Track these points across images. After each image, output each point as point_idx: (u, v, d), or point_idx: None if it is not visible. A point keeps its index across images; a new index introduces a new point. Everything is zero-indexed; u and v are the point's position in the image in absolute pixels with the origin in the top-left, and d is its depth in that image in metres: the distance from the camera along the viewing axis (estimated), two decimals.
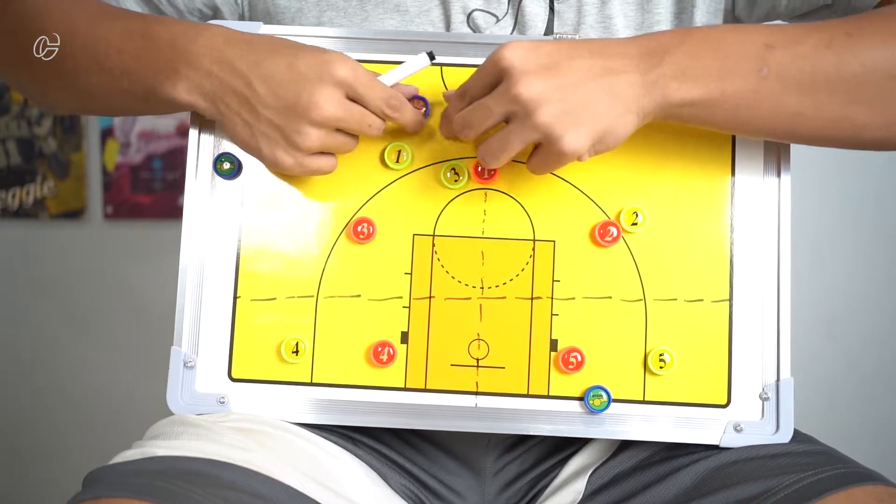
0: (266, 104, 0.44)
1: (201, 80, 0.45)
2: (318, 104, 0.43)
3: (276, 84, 0.44)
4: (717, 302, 0.47)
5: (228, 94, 0.45)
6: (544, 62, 0.41)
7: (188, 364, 0.48)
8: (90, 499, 0.38)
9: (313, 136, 0.44)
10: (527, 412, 0.47)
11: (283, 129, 0.44)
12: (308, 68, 0.44)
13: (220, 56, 0.45)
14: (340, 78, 0.44)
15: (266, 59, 0.44)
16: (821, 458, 0.43)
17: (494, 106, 0.42)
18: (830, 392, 1.23)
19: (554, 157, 0.42)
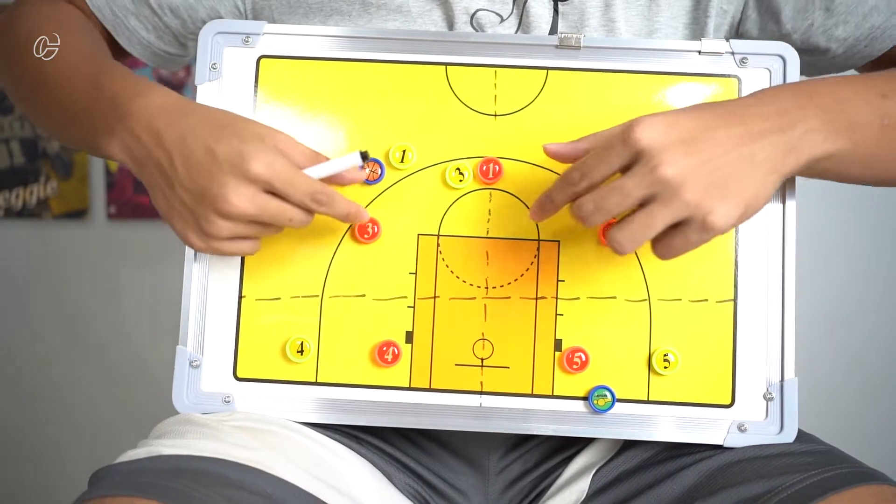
0: (182, 184, 0.43)
1: (131, 143, 0.44)
2: (227, 198, 0.42)
3: (193, 166, 0.43)
4: (722, 302, 0.48)
5: (152, 164, 0.44)
6: (683, 137, 0.39)
7: (193, 363, 0.48)
8: (96, 497, 0.39)
9: (223, 226, 0.43)
10: (531, 412, 0.47)
11: (195, 213, 0.43)
12: (225, 157, 0.42)
13: (150, 125, 0.44)
14: (254, 175, 0.42)
15: (189, 137, 0.43)
16: (824, 458, 0.43)
17: (633, 189, 0.39)
18: (834, 392, 1.23)
19: (699, 234, 0.40)
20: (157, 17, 0.54)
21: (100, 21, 0.54)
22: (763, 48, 0.49)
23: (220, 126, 0.44)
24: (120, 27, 0.54)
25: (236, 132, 0.43)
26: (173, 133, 0.43)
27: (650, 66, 0.49)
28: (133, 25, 0.54)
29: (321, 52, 0.50)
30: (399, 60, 0.50)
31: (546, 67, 0.50)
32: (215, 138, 0.43)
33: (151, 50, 0.56)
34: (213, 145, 0.43)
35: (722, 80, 0.49)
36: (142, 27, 0.54)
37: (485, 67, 0.50)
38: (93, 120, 0.46)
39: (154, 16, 0.54)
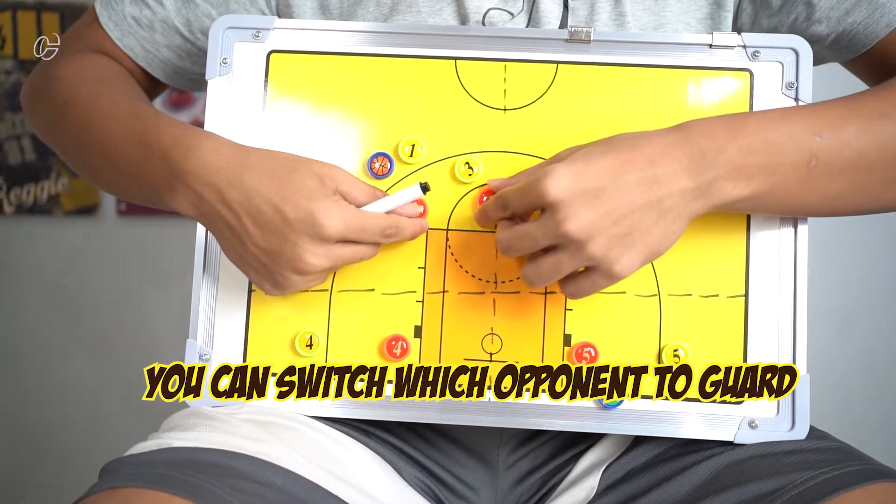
0: (254, 242, 0.43)
1: (195, 200, 0.44)
2: (303, 258, 0.43)
3: (264, 227, 0.43)
4: (733, 297, 0.47)
5: (220, 221, 0.44)
6: (590, 188, 0.40)
7: (203, 357, 0.49)
8: (106, 489, 0.39)
9: (297, 280, 0.44)
10: (540, 407, 0.47)
11: (270, 269, 0.44)
12: (295, 218, 0.42)
13: (211, 182, 0.44)
14: (329, 234, 0.42)
15: (255, 197, 0.43)
16: (836, 455, 0.43)
17: (541, 238, 0.41)
18: (846, 389, 1.22)
19: (605, 280, 0.42)
20: (189, 43, 0.55)
21: (132, 59, 0.55)
22: (776, 41, 0.49)
23: (279, 178, 0.43)
24: (154, 61, 0.56)
25: (298, 187, 0.43)
26: (237, 192, 0.43)
27: (661, 59, 0.49)
28: (166, 56, 0.55)
29: (331, 47, 0.50)
30: (409, 55, 0.50)
31: (556, 61, 0.49)
32: (282, 198, 0.43)
33: (188, 76, 0.57)
34: (282, 206, 0.43)
35: (734, 74, 0.49)
36: (175, 56, 0.55)
37: (494, 62, 0.49)
38: (150, 178, 0.47)
39: (187, 43, 0.55)
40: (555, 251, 0.41)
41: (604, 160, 0.41)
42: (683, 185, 0.41)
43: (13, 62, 1.28)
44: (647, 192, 0.41)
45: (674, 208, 0.41)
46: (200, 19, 0.54)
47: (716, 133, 0.42)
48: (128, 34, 0.55)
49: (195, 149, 0.44)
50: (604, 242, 0.40)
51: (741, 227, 0.48)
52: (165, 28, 0.54)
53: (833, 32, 0.51)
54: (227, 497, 0.38)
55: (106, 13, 0.55)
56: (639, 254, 0.41)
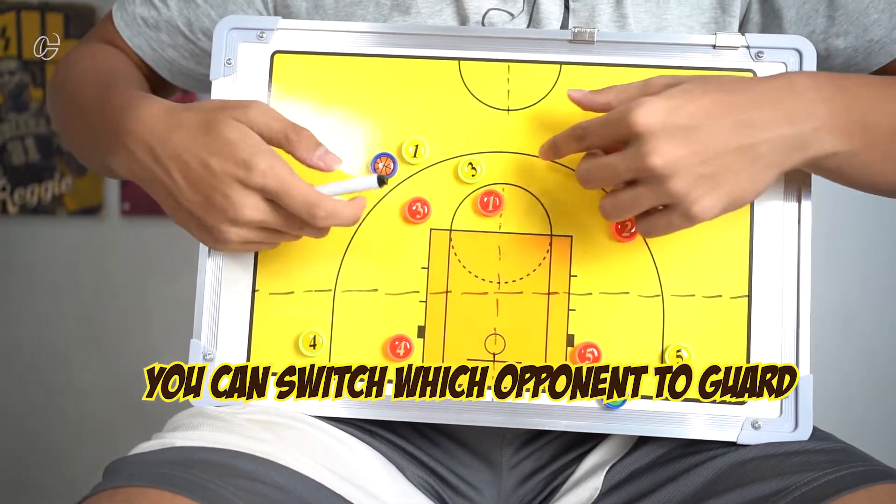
0: (186, 198, 0.43)
1: (131, 161, 0.45)
2: (234, 206, 0.42)
3: (193, 181, 0.43)
4: (736, 298, 0.47)
5: (153, 181, 0.44)
6: (683, 125, 0.39)
7: (207, 356, 0.49)
8: (110, 488, 0.39)
9: (233, 233, 0.43)
10: (543, 407, 0.47)
11: (205, 223, 0.43)
12: (221, 169, 0.42)
13: (144, 140, 0.44)
14: (254, 184, 0.41)
15: (183, 153, 0.43)
16: (840, 456, 0.43)
17: (623, 171, 0.40)
18: (849, 390, 1.22)
19: (682, 220, 0.40)
20: (191, 43, 0.56)
21: (142, 59, 0.57)
22: (779, 42, 0.49)
23: (210, 134, 0.43)
24: (160, 61, 0.57)
25: (221, 137, 0.42)
26: (167, 149, 0.43)
27: (664, 60, 0.49)
28: (171, 56, 0.56)
29: (334, 48, 0.50)
30: (412, 56, 0.50)
31: (559, 62, 0.49)
32: (208, 150, 0.42)
33: (194, 77, 0.58)
34: (208, 159, 0.42)
35: (738, 75, 0.49)
36: (180, 56, 0.56)
37: (498, 62, 0.49)
38: (102, 142, 0.48)
39: (189, 42, 0.56)
40: (635, 185, 0.40)
41: (703, 100, 0.39)
42: (783, 132, 0.39)
43: (17, 62, 1.28)
44: (743, 136, 0.39)
45: (767, 155, 0.39)
46: (200, 19, 0.55)
47: (823, 85, 0.41)
48: (137, 34, 0.56)
49: (135, 108, 0.45)
50: (689, 181, 0.39)
51: (745, 227, 0.48)
52: (170, 28, 0.55)
53: (848, 48, 0.50)
54: (230, 496, 0.38)
55: (119, 14, 0.56)
56: (722, 198, 0.39)
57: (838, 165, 0.42)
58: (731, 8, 0.51)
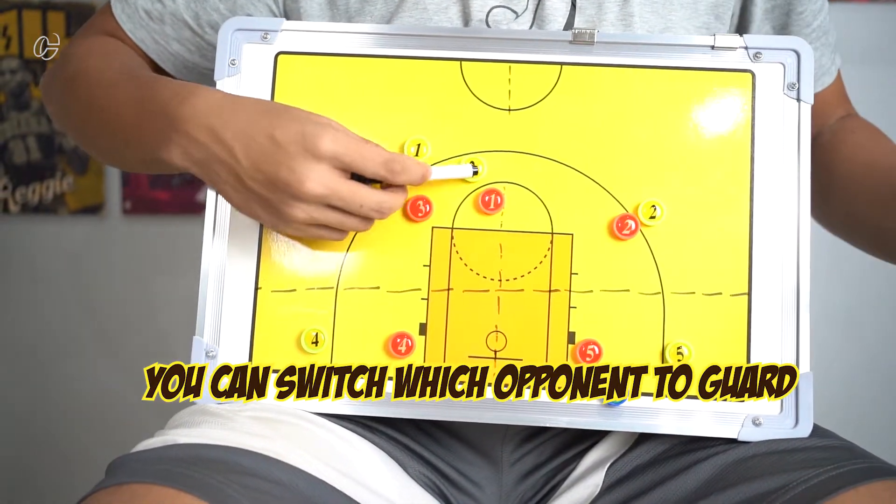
0: (250, 175, 0.43)
1: (190, 147, 0.44)
2: (299, 180, 0.41)
3: (257, 156, 0.42)
4: (736, 296, 0.47)
5: (216, 162, 0.43)
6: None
7: (210, 354, 0.48)
8: (113, 485, 0.39)
9: (299, 210, 0.42)
10: (544, 404, 0.47)
11: (270, 202, 0.43)
12: (288, 141, 0.41)
13: (206, 123, 0.43)
14: (322, 151, 0.41)
15: (247, 129, 0.42)
16: (840, 454, 0.43)
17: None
18: (850, 386, 1.21)
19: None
20: (198, 37, 0.55)
21: (144, 52, 0.56)
22: (777, 43, 0.49)
23: (274, 114, 0.43)
24: (164, 54, 0.56)
25: (291, 117, 0.43)
26: (230, 129, 0.43)
27: (664, 61, 0.49)
28: (176, 50, 0.56)
29: (337, 49, 0.50)
30: (414, 56, 0.50)
31: (560, 63, 0.49)
32: (273, 125, 0.42)
33: (198, 70, 0.57)
34: (273, 132, 0.42)
35: (736, 75, 0.49)
36: (185, 50, 0.56)
37: (499, 63, 0.49)
38: (146, 136, 0.46)
39: (195, 36, 0.55)
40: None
41: None
42: None
43: (18, 61, 1.28)
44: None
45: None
46: (208, 13, 0.54)
47: None
48: (139, 27, 0.55)
49: (189, 97, 0.44)
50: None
51: (744, 225, 0.48)
52: (175, 21, 0.55)
53: None
54: (232, 493, 0.38)
55: (120, 6, 0.55)
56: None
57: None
58: (723, 16, 0.52)
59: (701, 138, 0.48)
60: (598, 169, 0.48)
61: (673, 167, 0.48)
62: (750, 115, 0.48)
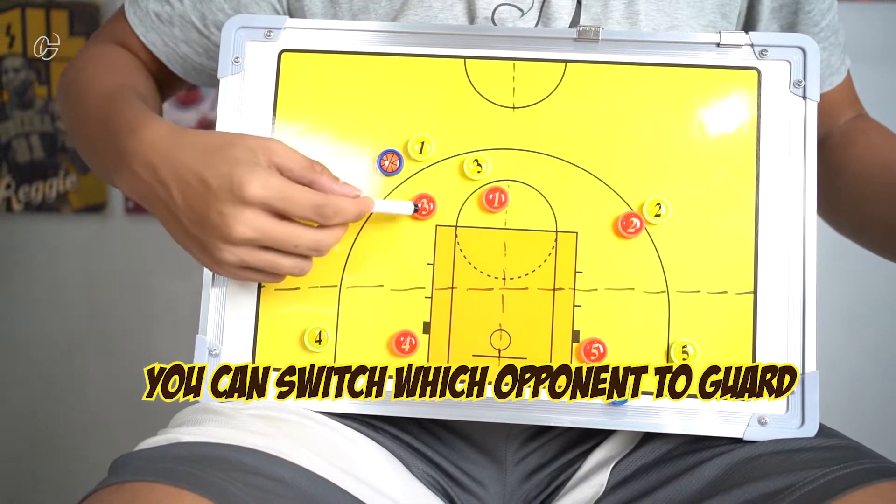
0: (184, 215, 0.42)
1: (133, 180, 0.44)
2: (228, 224, 0.41)
3: (191, 198, 0.42)
4: (742, 294, 0.47)
5: (155, 199, 0.44)
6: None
7: (213, 352, 0.48)
8: (116, 483, 0.38)
9: (228, 253, 0.42)
10: (547, 403, 0.46)
11: (203, 243, 0.42)
12: (217, 184, 0.41)
13: (147, 160, 0.43)
14: (250, 197, 0.40)
15: (182, 169, 0.42)
16: (847, 454, 0.42)
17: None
18: (856, 386, 1.20)
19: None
20: (204, 38, 0.55)
21: (155, 55, 0.56)
22: (783, 40, 0.48)
23: (210, 152, 0.42)
24: (173, 56, 0.56)
25: (226, 157, 0.41)
26: (168, 167, 0.43)
27: (669, 58, 0.49)
28: (184, 52, 0.56)
29: (341, 46, 0.50)
30: (418, 54, 0.49)
31: (564, 60, 0.49)
32: (205, 165, 0.41)
33: (206, 72, 0.57)
34: (204, 173, 0.41)
35: (742, 72, 0.48)
36: (193, 52, 0.56)
37: (503, 60, 0.49)
38: (106, 159, 0.47)
39: (202, 37, 0.55)
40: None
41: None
42: None
43: (22, 60, 1.28)
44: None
45: None
46: (214, 13, 0.54)
47: None
48: (151, 29, 0.55)
49: (138, 129, 0.44)
50: None
51: (749, 223, 0.47)
52: (183, 23, 0.55)
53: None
54: (235, 491, 0.38)
55: (132, 9, 0.56)
56: None
57: None
58: (729, 14, 0.52)
59: (706, 136, 0.48)
60: (603, 167, 0.48)
61: (678, 165, 0.48)
62: (756, 112, 0.48)
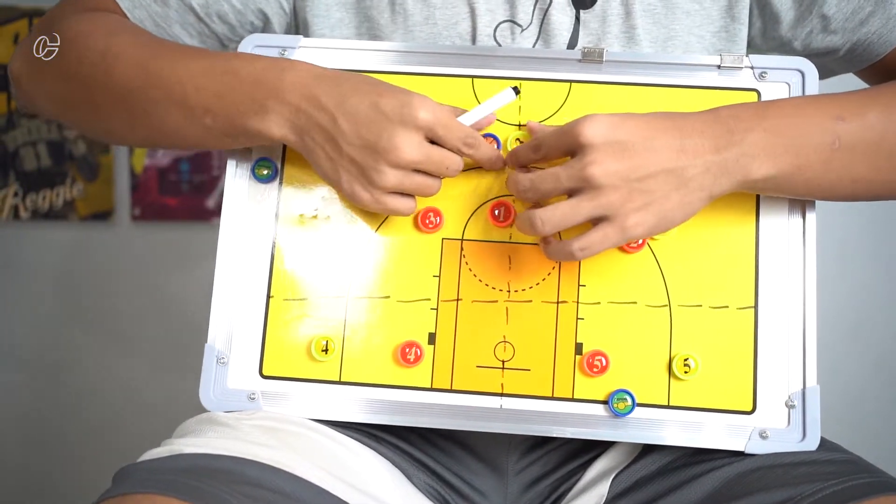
0: (349, 141, 0.43)
1: (290, 114, 0.44)
2: (398, 147, 0.42)
3: (360, 123, 0.43)
4: (743, 309, 0.46)
5: (315, 128, 0.44)
6: (622, 140, 0.40)
7: (221, 360, 0.47)
8: (119, 495, 0.37)
9: (391, 176, 0.43)
10: (551, 414, 0.45)
11: (363, 166, 0.43)
12: (391, 110, 0.43)
13: (308, 92, 0.44)
14: (422, 122, 0.43)
15: (351, 97, 0.43)
16: (846, 467, 0.41)
17: (566, 179, 0.41)
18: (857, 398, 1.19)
19: (617, 234, 0.41)
20: (203, 23, 0.53)
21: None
22: (782, 63, 0.48)
23: (374, 85, 0.44)
24: (162, 35, 0.53)
25: (393, 88, 0.44)
26: (332, 97, 0.43)
27: (671, 79, 0.48)
28: (176, 33, 0.53)
29: (353, 65, 0.49)
30: (427, 73, 0.49)
31: (569, 80, 0.48)
32: (377, 94, 0.43)
33: None
34: (377, 100, 0.43)
35: (742, 94, 0.48)
36: (186, 34, 0.53)
37: (510, 80, 0.49)
38: (231, 106, 0.45)
39: (200, 22, 0.53)
40: (573, 196, 0.41)
41: (641, 121, 0.42)
42: (708, 159, 0.41)
43: None
44: (674, 159, 0.41)
45: (696, 178, 0.41)
46: (219, 3, 0.52)
47: (744, 115, 0.42)
48: (138, 6, 0.52)
49: (290, 69, 0.45)
50: (624, 193, 0.40)
51: (750, 238, 0.47)
52: (181, 6, 0.52)
53: (848, 43, 0.50)
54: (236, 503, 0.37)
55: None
56: (653, 215, 0.41)
57: (777, 185, 0.43)
58: (740, 15, 0.51)
59: None
60: None
61: None
62: None
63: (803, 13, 0.50)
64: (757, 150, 0.41)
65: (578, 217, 0.41)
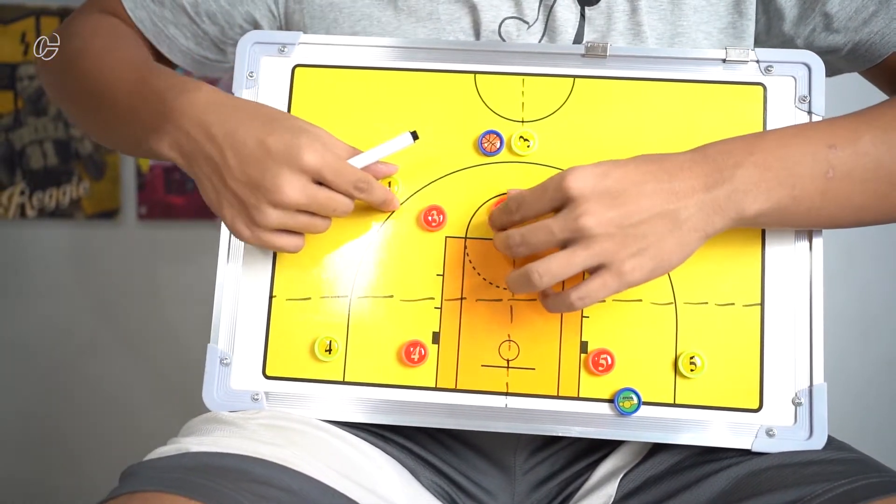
0: (234, 176, 0.43)
1: (180, 138, 0.44)
2: (280, 188, 0.42)
3: (245, 159, 0.42)
4: (749, 306, 0.45)
5: (202, 158, 0.43)
6: (612, 189, 0.39)
7: (224, 361, 0.47)
8: (126, 493, 0.37)
9: (272, 215, 0.43)
10: (556, 413, 0.45)
11: (246, 203, 0.43)
12: (277, 150, 0.42)
13: (200, 119, 0.43)
14: (307, 165, 0.42)
15: (240, 131, 0.43)
16: (855, 467, 0.41)
17: (558, 231, 0.40)
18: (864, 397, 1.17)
19: (616, 281, 0.40)
20: (195, 24, 0.53)
21: (141, 31, 0.54)
22: (788, 56, 0.47)
23: (268, 120, 0.43)
24: (160, 36, 0.54)
25: (284, 126, 0.43)
26: (224, 127, 0.43)
27: (676, 74, 0.47)
28: (173, 34, 0.54)
29: (354, 62, 0.49)
30: (429, 69, 0.48)
31: (573, 75, 0.48)
32: (266, 131, 0.42)
33: (192, 56, 0.56)
34: (265, 138, 0.42)
35: (748, 88, 0.47)
36: (181, 35, 0.54)
37: (512, 76, 0.48)
38: (141, 119, 0.46)
39: (192, 23, 0.53)
40: (566, 247, 0.40)
41: (627, 167, 0.40)
42: (700, 198, 0.40)
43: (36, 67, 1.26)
44: (665, 202, 0.40)
45: (690, 219, 0.40)
46: (207, 2, 0.53)
47: (732, 150, 0.41)
48: (140, 6, 0.54)
49: (189, 91, 0.44)
50: (619, 240, 0.39)
51: (756, 236, 0.46)
52: (174, 6, 0.53)
53: (850, 42, 0.49)
54: (244, 501, 0.36)
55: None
56: (651, 259, 0.40)
57: (779, 219, 0.42)
58: (747, 11, 0.50)
59: None
60: None
61: None
62: (761, 127, 0.47)
63: (806, 10, 0.48)
64: (748, 185, 0.40)
65: (575, 267, 0.40)
